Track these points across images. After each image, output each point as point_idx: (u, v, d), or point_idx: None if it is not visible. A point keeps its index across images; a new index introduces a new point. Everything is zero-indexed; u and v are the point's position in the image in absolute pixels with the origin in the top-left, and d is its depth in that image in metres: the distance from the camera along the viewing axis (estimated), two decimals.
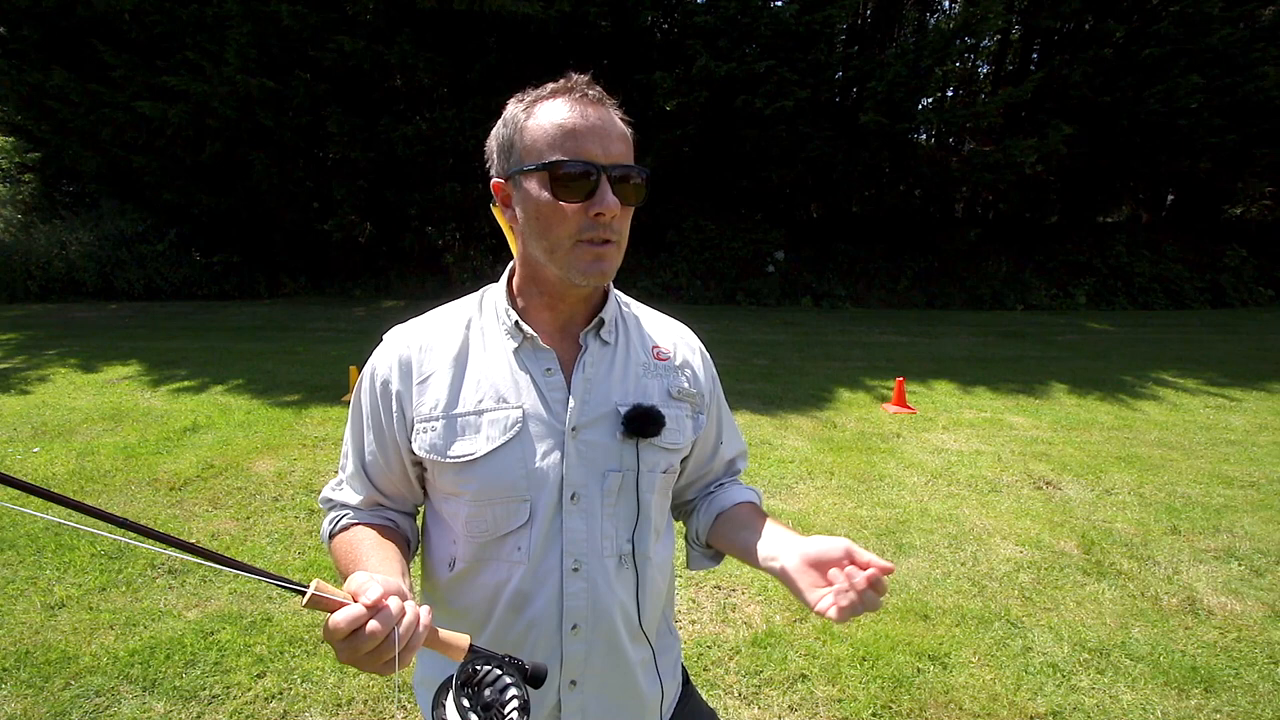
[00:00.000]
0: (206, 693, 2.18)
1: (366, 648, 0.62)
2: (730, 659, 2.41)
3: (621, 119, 0.86)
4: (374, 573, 0.73)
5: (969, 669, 2.37)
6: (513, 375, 0.88)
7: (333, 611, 0.62)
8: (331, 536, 0.95)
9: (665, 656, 1.01)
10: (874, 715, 2.15)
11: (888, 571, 0.77)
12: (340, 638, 0.62)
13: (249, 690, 2.20)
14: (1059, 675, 2.34)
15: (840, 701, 2.20)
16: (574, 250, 0.82)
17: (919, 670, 2.35)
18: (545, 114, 0.81)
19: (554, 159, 0.80)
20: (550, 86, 0.84)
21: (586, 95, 0.82)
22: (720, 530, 1.01)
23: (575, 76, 0.84)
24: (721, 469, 1.08)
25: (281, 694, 2.19)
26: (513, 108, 0.85)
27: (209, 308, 10.60)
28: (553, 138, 0.80)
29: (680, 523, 1.11)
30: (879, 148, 11.19)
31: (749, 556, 0.93)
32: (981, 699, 2.22)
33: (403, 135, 10.18)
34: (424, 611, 0.67)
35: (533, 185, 0.82)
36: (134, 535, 0.59)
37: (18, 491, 0.52)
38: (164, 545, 0.58)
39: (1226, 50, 10.78)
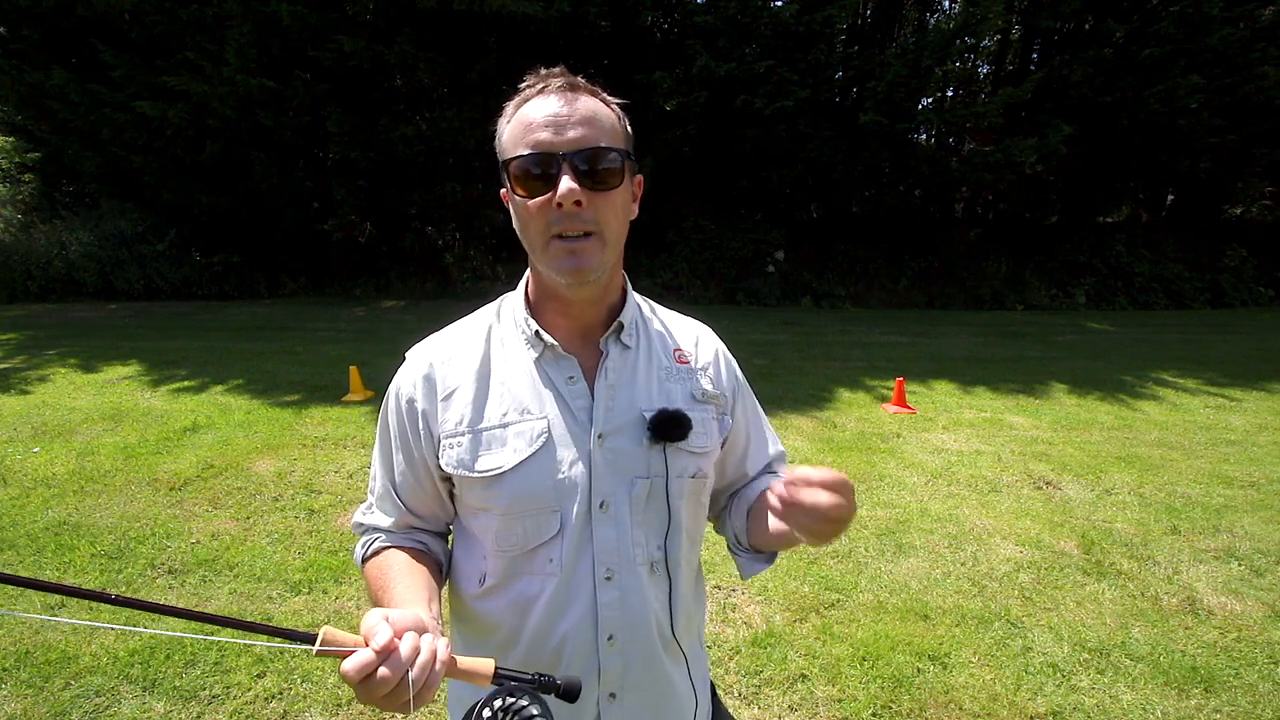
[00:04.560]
0: (206, 693, 2.19)
1: (380, 692, 0.61)
2: (730, 659, 2.41)
3: (601, 100, 0.82)
4: (397, 605, 0.72)
5: (969, 669, 2.37)
6: (535, 385, 0.87)
7: (344, 658, 0.61)
8: (365, 560, 0.93)
9: (697, 667, 0.99)
10: (874, 715, 2.15)
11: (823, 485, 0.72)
12: (353, 683, 0.62)
13: (249, 690, 2.20)
14: (1059, 675, 2.34)
15: (840, 701, 2.20)
16: (549, 248, 0.80)
17: (919, 670, 2.35)
18: (518, 114, 0.80)
19: (511, 155, 0.79)
20: (527, 85, 0.82)
21: (550, 86, 0.80)
22: (755, 527, 0.97)
23: (544, 71, 0.82)
24: (758, 472, 1.05)
25: (281, 694, 2.19)
26: (505, 110, 0.84)
27: (209, 308, 10.60)
28: (517, 136, 0.79)
29: (721, 535, 1.07)
30: (879, 148, 11.18)
31: (778, 538, 0.88)
32: (981, 699, 2.22)
33: (403, 135, 10.18)
34: (442, 645, 0.65)
35: (508, 188, 0.81)
36: (145, 615, 0.61)
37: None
38: (177, 617, 0.62)
39: (1226, 50, 10.77)
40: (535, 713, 0.64)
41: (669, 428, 0.86)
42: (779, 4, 10.56)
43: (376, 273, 12.15)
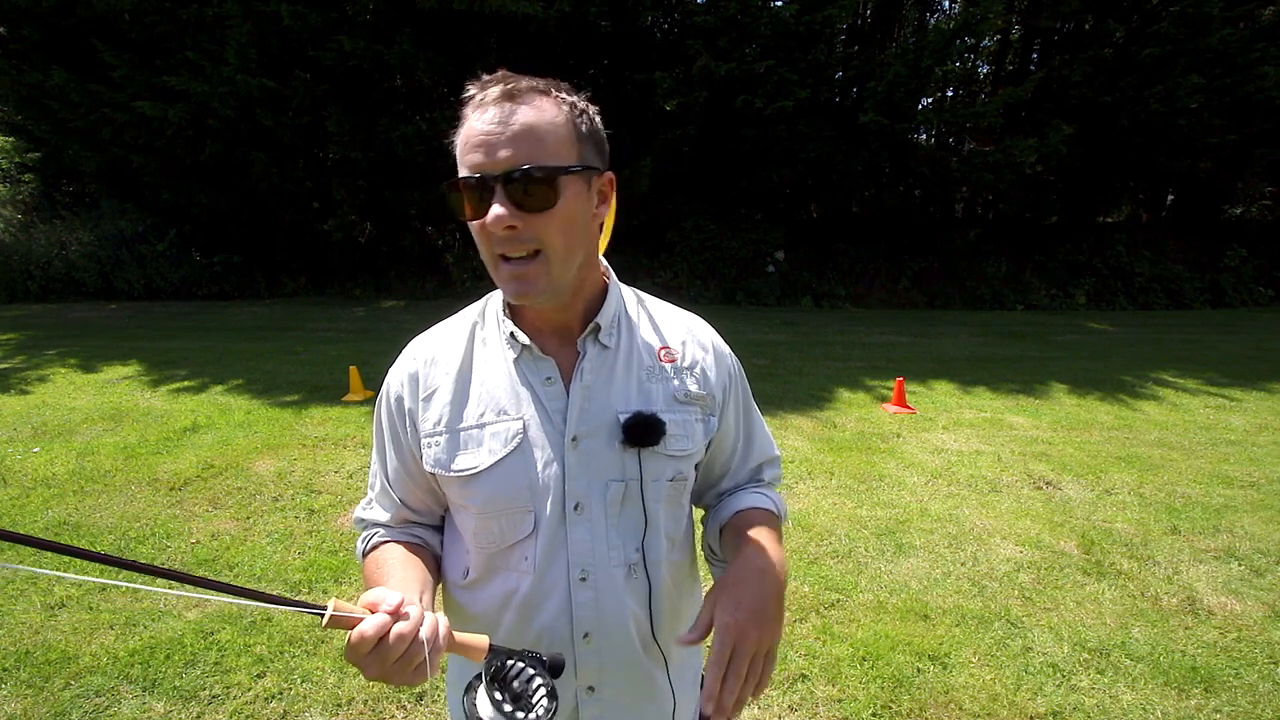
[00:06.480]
0: (206, 693, 2.19)
1: (395, 654, 0.62)
2: None
3: (552, 100, 0.77)
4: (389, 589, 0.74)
5: (969, 669, 2.36)
6: (513, 386, 0.87)
7: (352, 628, 0.62)
8: (364, 555, 0.95)
9: (681, 667, 0.98)
10: (874, 715, 2.15)
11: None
12: (367, 649, 0.62)
13: (249, 690, 2.20)
14: (1059, 675, 2.34)
15: (840, 701, 2.20)
16: (498, 269, 0.80)
17: (919, 670, 2.35)
18: (463, 127, 0.78)
19: (456, 177, 0.78)
20: (469, 94, 0.78)
21: (486, 97, 0.76)
22: (726, 545, 0.95)
23: (486, 78, 0.78)
24: (746, 476, 1.03)
25: (281, 694, 2.19)
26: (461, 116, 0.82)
27: (209, 308, 10.60)
28: (460, 154, 0.78)
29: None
30: (879, 148, 11.18)
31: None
32: (981, 699, 2.22)
33: (403, 135, 10.17)
34: (441, 618, 0.68)
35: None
36: (143, 578, 0.60)
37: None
38: (182, 585, 0.59)
39: (1226, 50, 10.76)
40: (534, 672, 0.70)
41: (641, 432, 0.85)
42: (779, 4, 10.56)
43: (376, 273, 12.15)
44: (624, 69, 11.04)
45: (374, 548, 0.93)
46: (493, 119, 0.74)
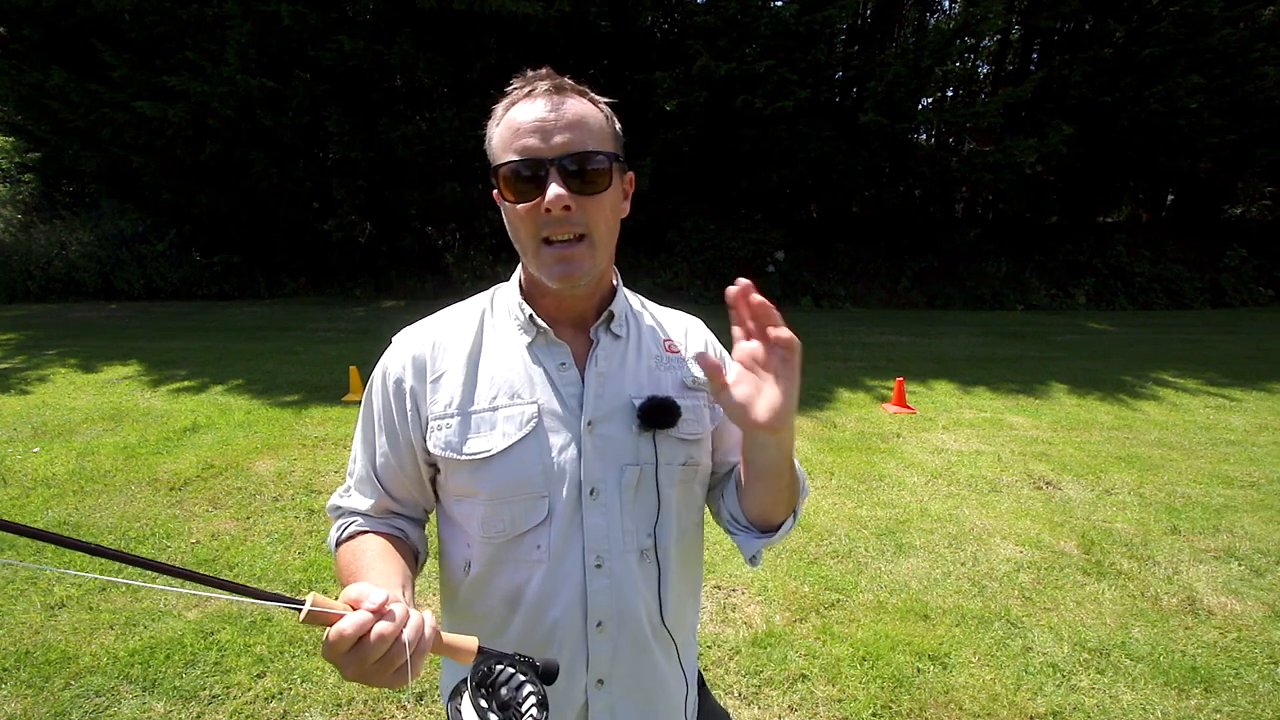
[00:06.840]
0: (206, 693, 2.18)
1: (375, 655, 0.59)
2: (730, 659, 2.41)
3: (589, 100, 0.83)
4: (372, 584, 0.72)
5: (969, 669, 2.36)
6: (527, 370, 0.87)
7: (332, 624, 0.58)
8: (338, 544, 0.91)
9: (688, 654, 0.99)
10: (874, 715, 2.15)
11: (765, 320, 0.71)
12: (345, 648, 0.59)
13: (249, 690, 2.20)
14: (1059, 675, 2.34)
15: (840, 701, 2.20)
16: (540, 253, 0.81)
17: (919, 670, 2.35)
18: (505, 118, 0.81)
19: (500, 161, 0.80)
20: (514, 88, 0.83)
21: (536, 89, 0.80)
22: (743, 494, 0.91)
23: (531, 73, 0.83)
24: None
25: (281, 694, 2.19)
26: (494, 113, 0.85)
27: (209, 308, 10.60)
28: (505, 141, 0.80)
29: (721, 526, 1.04)
30: (879, 148, 11.18)
31: (754, 485, 0.85)
32: (981, 699, 2.22)
33: (403, 135, 10.18)
34: (428, 616, 0.65)
35: (498, 191, 0.82)
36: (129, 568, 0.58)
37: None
38: (154, 572, 0.56)
39: (1226, 50, 10.77)
40: (524, 679, 0.66)
41: (657, 415, 0.87)
42: (779, 4, 10.56)
43: (376, 273, 12.15)
44: (624, 69, 11.05)
45: (350, 537, 0.90)
46: (545, 107, 0.79)
